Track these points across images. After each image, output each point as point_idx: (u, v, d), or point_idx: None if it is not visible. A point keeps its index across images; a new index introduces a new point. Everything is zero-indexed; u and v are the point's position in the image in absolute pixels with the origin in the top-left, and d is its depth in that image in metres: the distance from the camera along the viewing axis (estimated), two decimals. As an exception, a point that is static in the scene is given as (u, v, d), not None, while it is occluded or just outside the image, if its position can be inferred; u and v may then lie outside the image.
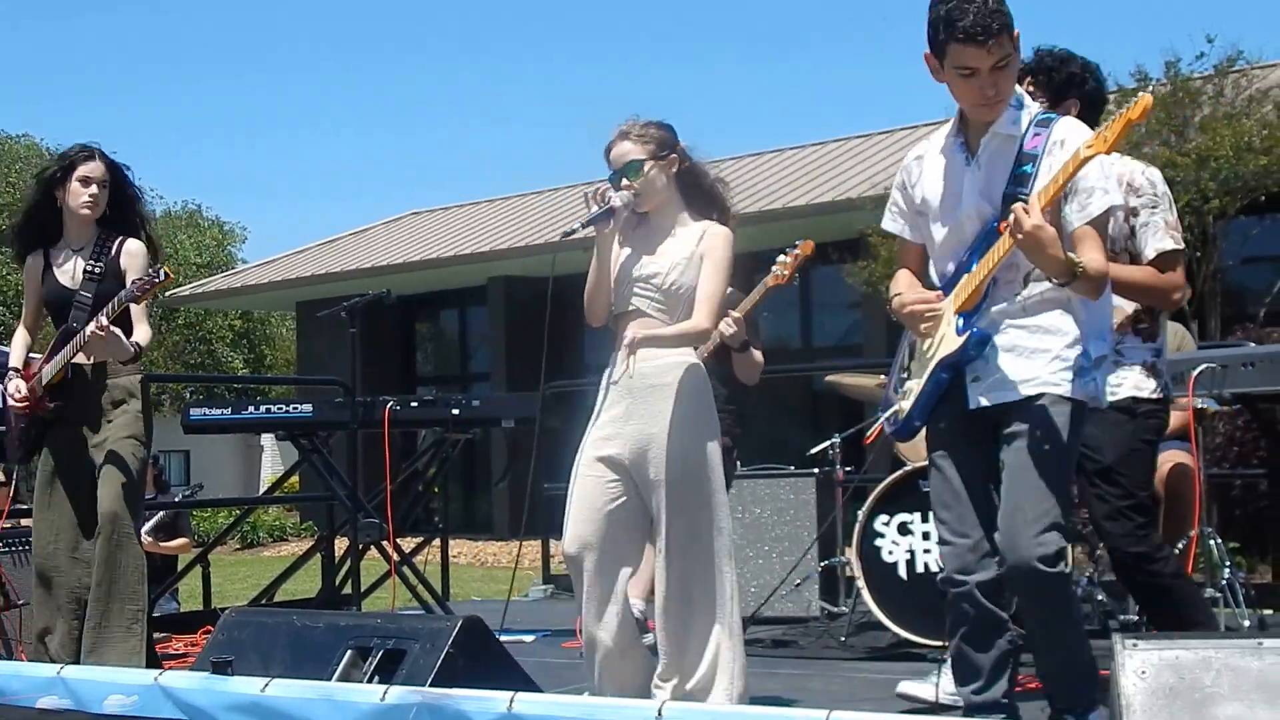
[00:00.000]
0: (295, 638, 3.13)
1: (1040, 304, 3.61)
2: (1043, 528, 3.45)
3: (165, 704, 2.59)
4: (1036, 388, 3.54)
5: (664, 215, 4.38)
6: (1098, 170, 3.52)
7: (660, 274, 4.29)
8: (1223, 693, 2.42)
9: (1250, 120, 11.61)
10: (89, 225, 5.29)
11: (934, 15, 3.55)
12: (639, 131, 4.34)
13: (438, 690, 2.27)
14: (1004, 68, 3.58)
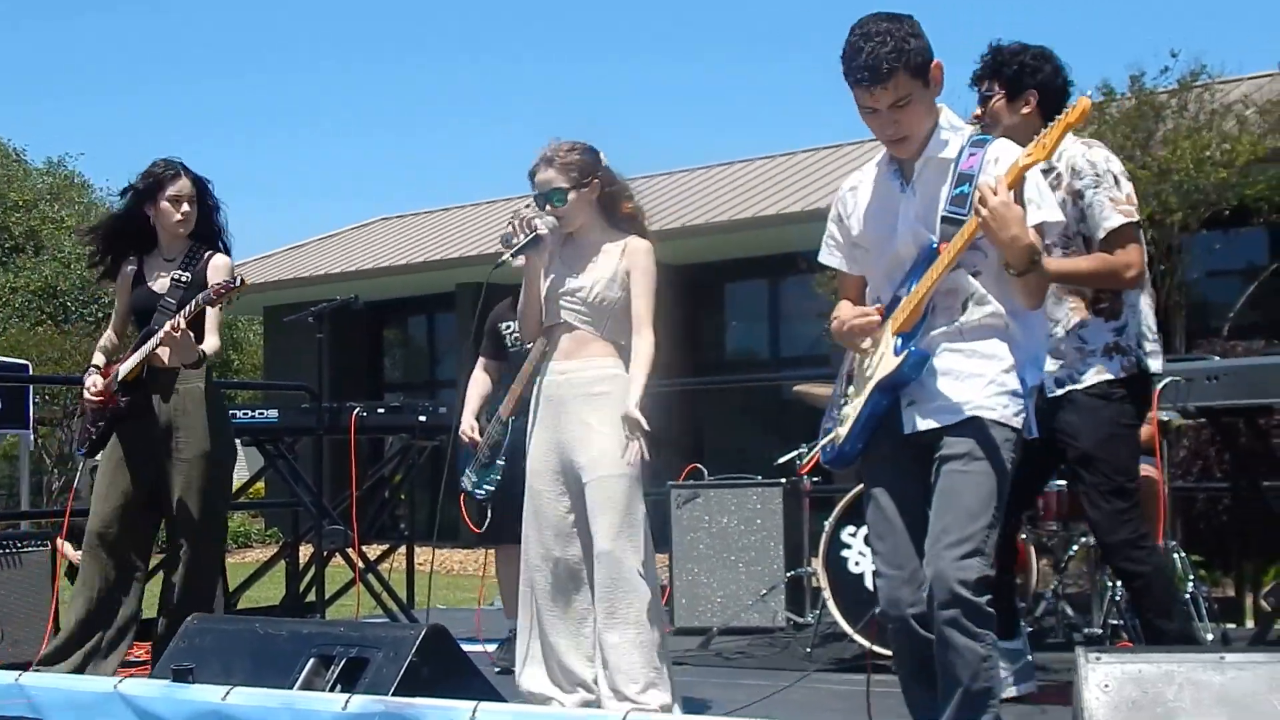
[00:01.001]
0: (257, 645, 3.11)
1: (978, 329, 3.58)
2: (967, 551, 3.39)
3: (125, 712, 2.57)
4: (972, 411, 3.51)
5: (587, 233, 4.62)
6: (1032, 186, 3.51)
7: (585, 288, 4.53)
8: (1185, 707, 2.43)
9: (1211, 133, 11.69)
10: (178, 239, 5.45)
11: (841, 57, 3.53)
12: (563, 159, 4.55)
13: (400, 699, 2.26)
14: (905, 106, 3.54)
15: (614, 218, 4.64)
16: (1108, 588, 5.65)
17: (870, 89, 3.48)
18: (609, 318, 4.54)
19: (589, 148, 4.61)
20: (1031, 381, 3.64)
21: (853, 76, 3.49)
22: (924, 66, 3.52)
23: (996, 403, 3.52)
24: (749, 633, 6.73)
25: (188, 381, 5.34)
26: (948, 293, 3.56)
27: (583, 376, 4.51)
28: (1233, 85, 12.55)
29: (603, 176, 4.60)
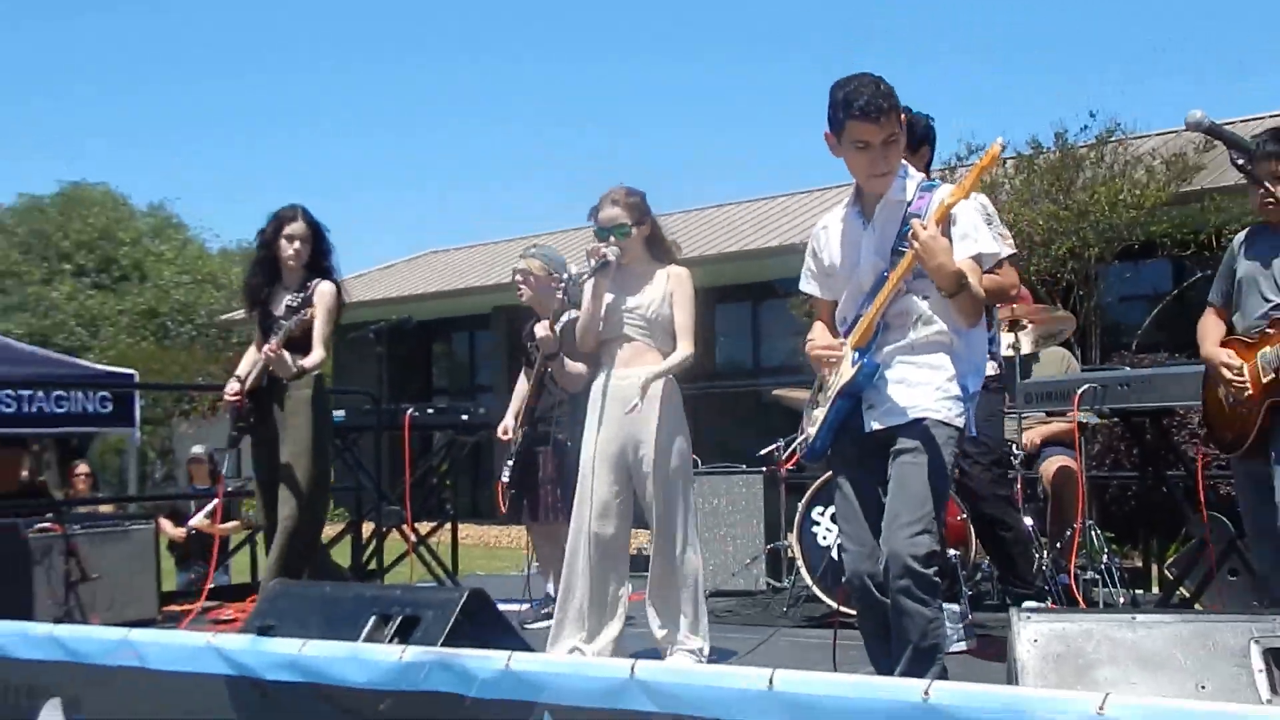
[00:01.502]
0: (328, 606, 3.11)
1: (926, 345, 3.59)
2: (916, 531, 3.40)
3: (218, 661, 2.56)
4: (920, 413, 3.52)
5: (638, 263, 4.69)
6: (967, 219, 3.52)
7: (644, 306, 4.64)
8: (1102, 659, 2.43)
9: (1124, 181, 11.71)
10: (297, 271, 5.49)
11: (835, 98, 3.55)
12: (625, 201, 4.67)
13: (447, 650, 2.25)
14: (892, 143, 3.57)
15: (658, 251, 4.74)
16: (1034, 560, 5.64)
17: (876, 122, 3.50)
18: (661, 331, 4.63)
19: (642, 194, 4.72)
20: (973, 388, 3.64)
21: (859, 113, 3.50)
22: (901, 116, 3.57)
23: (941, 406, 3.52)
24: (735, 595, 6.72)
25: (298, 389, 5.38)
26: (900, 313, 3.57)
27: (636, 380, 4.55)
28: (1142, 140, 12.55)
29: (651, 218, 4.71)
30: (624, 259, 4.65)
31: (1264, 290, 4.01)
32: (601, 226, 4.64)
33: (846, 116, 3.53)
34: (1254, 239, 4.14)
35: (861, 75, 3.56)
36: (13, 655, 2.91)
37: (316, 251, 5.55)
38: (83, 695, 2.79)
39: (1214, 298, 4.25)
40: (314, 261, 5.54)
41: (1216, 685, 2.33)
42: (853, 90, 3.52)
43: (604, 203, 4.67)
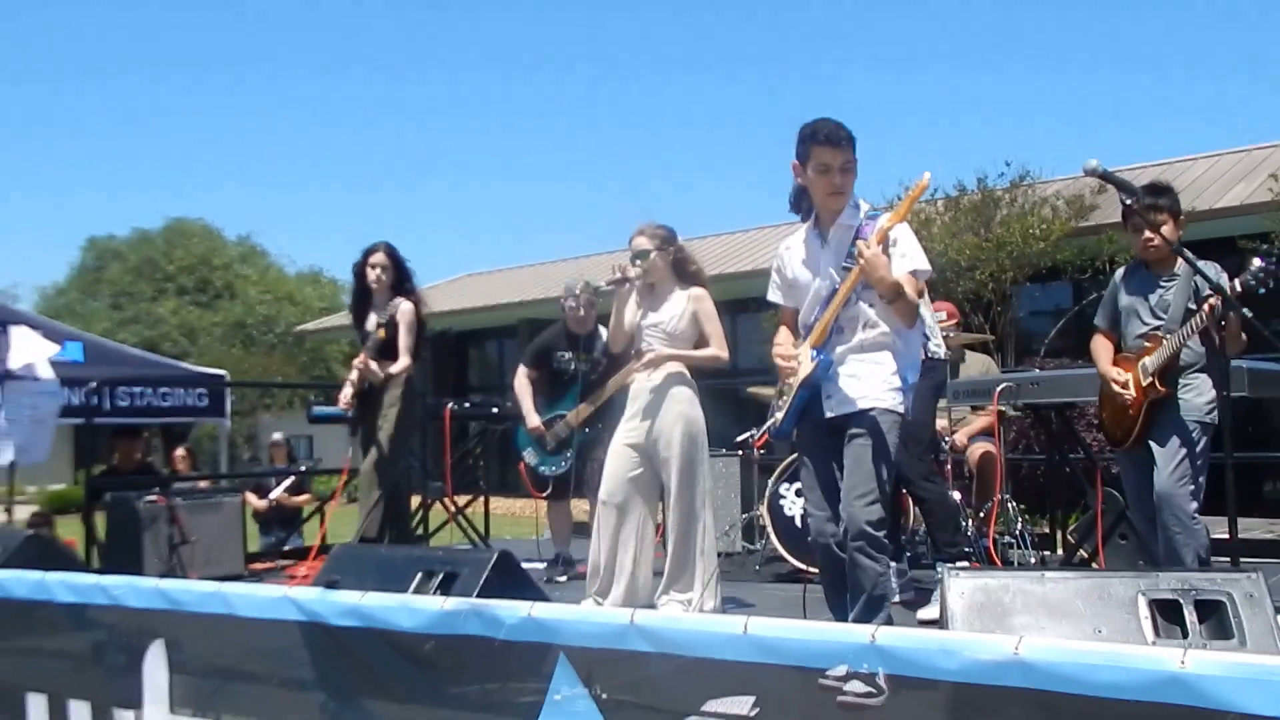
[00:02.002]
0: (383, 564, 3.10)
1: (873, 344, 3.58)
2: (869, 500, 3.42)
3: (293, 609, 2.55)
4: (869, 402, 3.52)
5: (664, 285, 4.66)
6: (905, 241, 3.52)
7: (664, 322, 4.61)
8: (1017, 608, 2.42)
9: (1034, 218, 11.72)
10: (384, 293, 5.56)
11: (804, 133, 3.58)
12: (651, 231, 4.67)
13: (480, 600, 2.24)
14: (848, 170, 3.59)
15: (682, 275, 4.68)
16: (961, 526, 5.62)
17: (836, 146, 3.51)
18: (680, 342, 4.58)
19: (670, 228, 4.71)
20: (911, 379, 3.64)
21: (824, 139, 3.52)
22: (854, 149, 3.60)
23: (886, 396, 3.52)
24: (717, 556, 6.70)
25: (391, 390, 5.47)
26: (851, 318, 3.58)
27: (665, 384, 4.55)
28: (1047, 184, 12.55)
29: (676, 246, 4.68)
30: (649, 279, 4.61)
31: (1142, 316, 4.08)
32: (632, 252, 4.63)
33: (813, 143, 3.55)
34: (1132, 275, 4.19)
35: (826, 117, 3.61)
36: (125, 604, 2.90)
37: (398, 276, 5.61)
38: (182, 638, 2.78)
39: (1100, 322, 4.29)
40: (397, 284, 5.60)
41: (1110, 629, 2.32)
42: (819, 124, 3.57)
43: (636, 233, 4.68)
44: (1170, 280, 4.00)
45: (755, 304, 13.67)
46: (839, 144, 3.51)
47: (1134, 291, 4.12)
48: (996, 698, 1.66)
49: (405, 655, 2.28)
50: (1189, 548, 3.80)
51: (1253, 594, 2.33)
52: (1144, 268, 4.12)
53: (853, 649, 1.79)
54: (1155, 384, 3.92)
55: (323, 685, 2.45)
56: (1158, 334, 3.98)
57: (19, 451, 6.61)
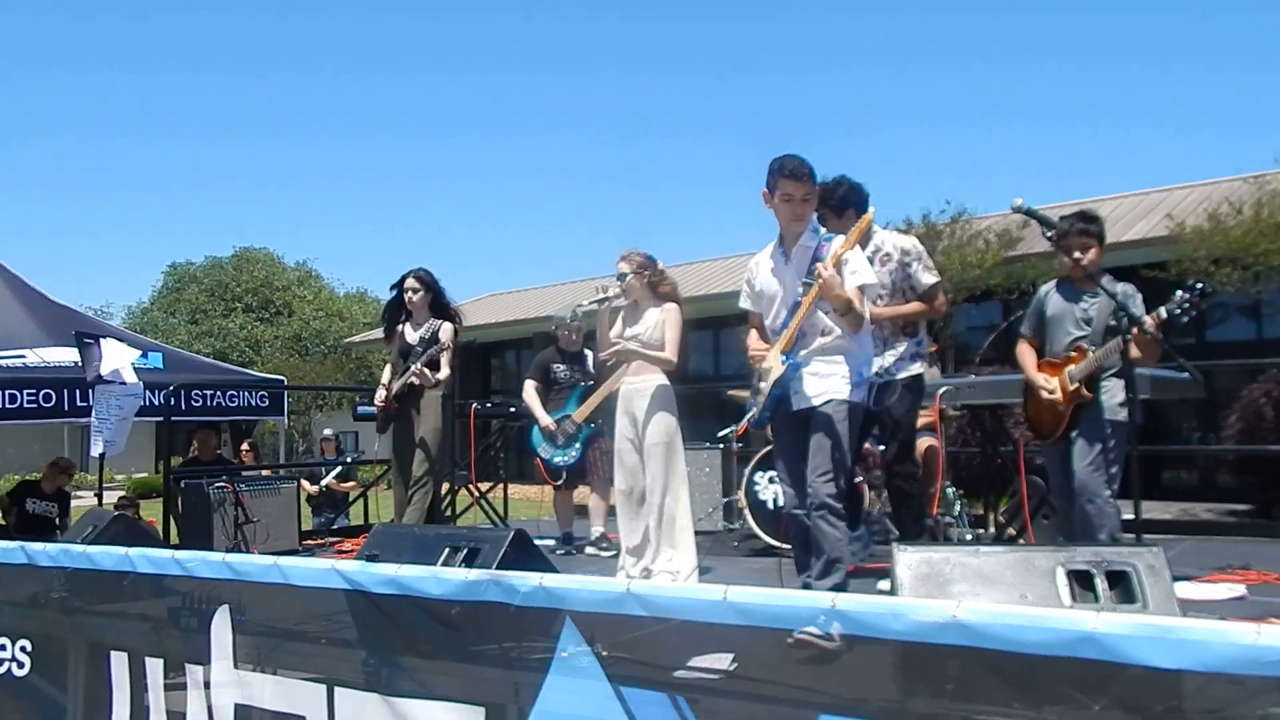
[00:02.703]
0: (417, 540, 3.09)
1: (831, 347, 3.64)
2: (828, 478, 3.48)
3: (337, 579, 2.53)
4: (828, 397, 3.57)
5: (643, 302, 4.66)
6: (855, 261, 3.58)
7: (641, 334, 4.60)
8: (956, 578, 2.41)
9: (970, 249, 11.75)
10: (421, 310, 5.55)
11: (772, 166, 3.64)
12: (631, 257, 4.67)
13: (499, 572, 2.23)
14: (808, 200, 3.63)
15: (659, 295, 4.67)
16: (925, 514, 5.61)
17: (798, 181, 3.55)
18: (654, 349, 4.56)
19: (649, 254, 4.69)
20: (866, 373, 3.73)
21: (789, 173, 3.58)
22: (814, 184, 3.63)
23: (844, 389, 3.57)
24: (701, 534, 6.64)
25: (432, 393, 5.43)
26: (812, 325, 3.64)
27: (645, 385, 4.54)
28: (982, 220, 12.58)
29: (653, 271, 4.66)
30: (629, 296, 4.62)
31: (1069, 327, 4.05)
32: (616, 274, 4.65)
33: (780, 176, 3.59)
34: (1059, 288, 4.17)
35: (792, 154, 3.65)
36: (196, 575, 2.88)
37: (435, 296, 5.59)
38: (245, 603, 2.76)
39: (1025, 330, 4.27)
40: (435, 303, 5.58)
41: (1035, 595, 2.32)
42: (786, 160, 3.63)
43: (620, 259, 4.69)
44: (1094, 297, 3.99)
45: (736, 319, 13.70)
46: (801, 178, 3.58)
47: (1062, 304, 4.09)
48: (938, 654, 1.66)
49: (434, 618, 2.27)
50: (1104, 527, 3.80)
51: (1154, 565, 2.33)
52: (1070, 284, 4.10)
53: (815, 612, 1.78)
54: (1081, 390, 3.91)
55: (364, 644, 2.44)
56: (1082, 344, 3.96)
57: (108, 445, 6.60)
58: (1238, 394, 9.71)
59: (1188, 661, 1.46)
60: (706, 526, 6.78)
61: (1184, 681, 1.47)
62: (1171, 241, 10.63)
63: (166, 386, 7.22)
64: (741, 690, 1.85)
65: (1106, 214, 13.20)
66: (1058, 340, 4.08)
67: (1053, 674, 1.56)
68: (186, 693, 2.86)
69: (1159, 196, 13.30)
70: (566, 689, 2.03)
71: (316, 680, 2.54)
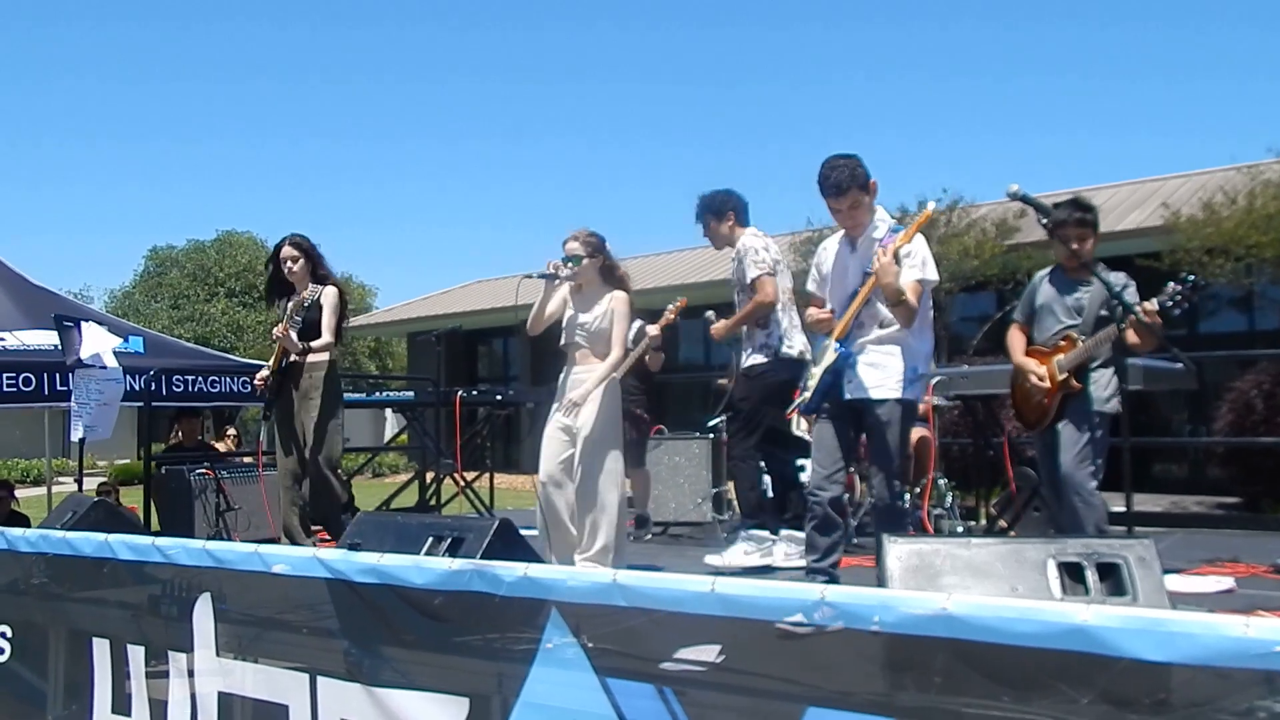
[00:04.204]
0: (399, 529, 3.08)
1: (888, 338, 3.66)
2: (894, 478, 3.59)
3: (320, 568, 2.53)
4: (884, 392, 3.60)
5: (591, 287, 4.52)
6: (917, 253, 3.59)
7: (588, 323, 4.47)
8: (946, 569, 2.42)
9: (968, 238, 11.75)
10: (302, 281, 5.20)
11: (818, 179, 3.66)
12: (584, 238, 4.53)
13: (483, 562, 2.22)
14: (856, 207, 3.65)
15: (609, 279, 4.55)
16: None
17: (838, 199, 3.57)
18: (600, 340, 4.47)
19: (600, 236, 4.59)
20: (922, 369, 3.78)
21: (827, 192, 3.59)
22: (866, 183, 3.62)
23: (898, 385, 3.60)
24: (690, 524, 6.70)
25: (313, 372, 5.09)
26: (870, 315, 3.66)
27: (588, 376, 4.43)
28: (977, 208, 12.59)
29: (605, 253, 4.56)
30: (577, 279, 4.46)
31: (1059, 315, 4.05)
32: (565, 254, 4.50)
33: (822, 193, 3.63)
34: (1052, 276, 4.18)
35: (835, 159, 3.65)
36: (177, 562, 2.87)
37: (313, 265, 5.24)
38: (226, 591, 2.75)
39: (1018, 316, 4.30)
40: (313, 272, 5.23)
41: (1025, 587, 2.33)
42: (823, 175, 3.67)
43: (569, 238, 4.54)
44: (1086, 287, 4.00)
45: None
46: (838, 195, 3.60)
47: (1053, 292, 4.10)
48: (927, 646, 1.66)
49: (417, 609, 2.26)
50: (1089, 519, 3.82)
51: (1144, 557, 2.34)
52: (1062, 272, 4.12)
53: (804, 604, 1.78)
54: (1070, 380, 3.92)
55: (346, 634, 2.44)
56: (1071, 333, 3.97)
57: (88, 430, 6.56)
58: (1228, 386, 9.78)
59: (1177, 654, 1.47)
60: (695, 518, 6.79)
61: (1173, 674, 1.47)
62: (1166, 232, 10.66)
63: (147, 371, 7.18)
64: (729, 683, 1.85)
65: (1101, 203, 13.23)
66: (1047, 328, 4.09)
67: (1042, 666, 1.57)
68: (169, 681, 2.85)
69: (1154, 186, 13.33)
70: (552, 680, 2.03)
71: (299, 669, 2.53)
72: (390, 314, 22.86)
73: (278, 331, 4.91)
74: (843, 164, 3.60)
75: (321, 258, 5.29)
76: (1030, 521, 5.19)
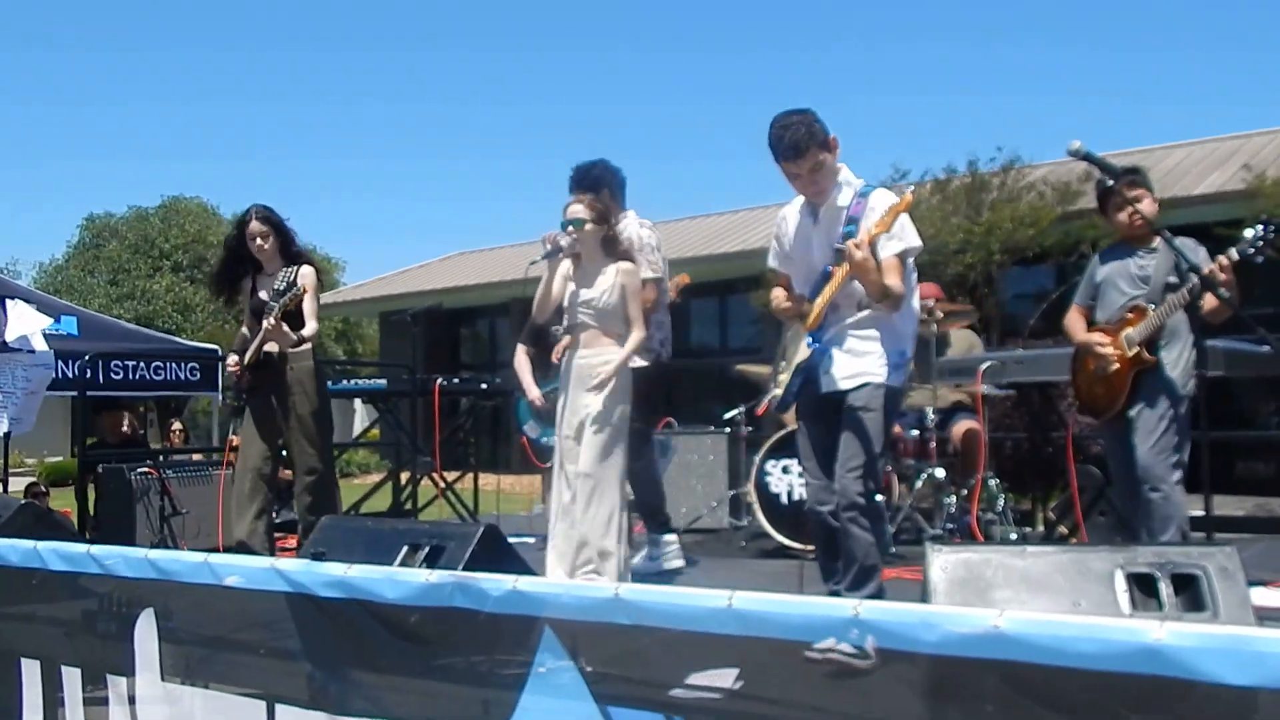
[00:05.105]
0: (370, 537, 3.08)
1: (868, 321, 3.60)
2: (859, 473, 3.47)
3: (279, 580, 2.53)
4: (863, 379, 3.54)
5: (593, 260, 4.51)
6: (896, 224, 3.46)
7: (596, 298, 4.46)
8: (998, 582, 2.42)
9: (1023, 203, 11.69)
10: (273, 260, 5.19)
11: (768, 140, 3.57)
12: (589, 201, 4.54)
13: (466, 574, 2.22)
14: (818, 170, 3.54)
15: (611, 250, 4.54)
16: (945, 503, 5.63)
17: (794, 161, 3.47)
18: (610, 318, 4.46)
19: (606, 201, 4.60)
20: (908, 352, 3.70)
21: (781, 155, 3.48)
22: (826, 140, 3.52)
23: (880, 371, 3.54)
24: (703, 532, 6.71)
25: (299, 361, 5.12)
26: (848, 296, 3.59)
27: (597, 360, 4.44)
28: (1035, 168, 12.52)
29: (610, 222, 4.55)
30: (580, 250, 4.46)
31: (1122, 287, 4.05)
32: (564, 219, 4.48)
33: (774, 156, 3.53)
34: (1111, 250, 4.20)
35: (785, 116, 3.50)
36: (116, 573, 2.87)
37: (283, 241, 5.25)
38: (172, 606, 2.76)
39: (1078, 298, 4.31)
40: (285, 249, 5.24)
41: (1089, 602, 2.32)
42: (776, 135, 3.52)
43: (572, 200, 4.52)
44: (1150, 254, 3.99)
45: (744, 284, 13.63)
46: (796, 158, 3.48)
47: (1114, 265, 4.11)
48: (976, 669, 1.65)
49: (390, 627, 2.26)
50: (1171, 519, 3.80)
51: (1226, 568, 2.33)
52: (1124, 244, 4.12)
53: (835, 623, 1.78)
54: (1142, 353, 3.90)
55: (309, 655, 2.44)
56: (1139, 304, 3.96)
57: (13, 423, 6.58)
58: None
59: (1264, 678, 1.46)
60: (709, 524, 6.80)
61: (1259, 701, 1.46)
62: (1249, 196, 10.60)
63: (82, 356, 7.20)
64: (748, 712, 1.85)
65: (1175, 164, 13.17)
66: (1112, 302, 4.08)
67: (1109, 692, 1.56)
68: (108, 708, 2.86)
69: (1235, 144, 13.25)
70: (545, 709, 2.03)
71: (255, 696, 2.54)
72: (360, 291, 22.88)
73: (269, 325, 4.90)
74: (797, 120, 3.49)
75: (293, 234, 5.32)
76: (1095, 527, 5.18)
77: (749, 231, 15.71)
